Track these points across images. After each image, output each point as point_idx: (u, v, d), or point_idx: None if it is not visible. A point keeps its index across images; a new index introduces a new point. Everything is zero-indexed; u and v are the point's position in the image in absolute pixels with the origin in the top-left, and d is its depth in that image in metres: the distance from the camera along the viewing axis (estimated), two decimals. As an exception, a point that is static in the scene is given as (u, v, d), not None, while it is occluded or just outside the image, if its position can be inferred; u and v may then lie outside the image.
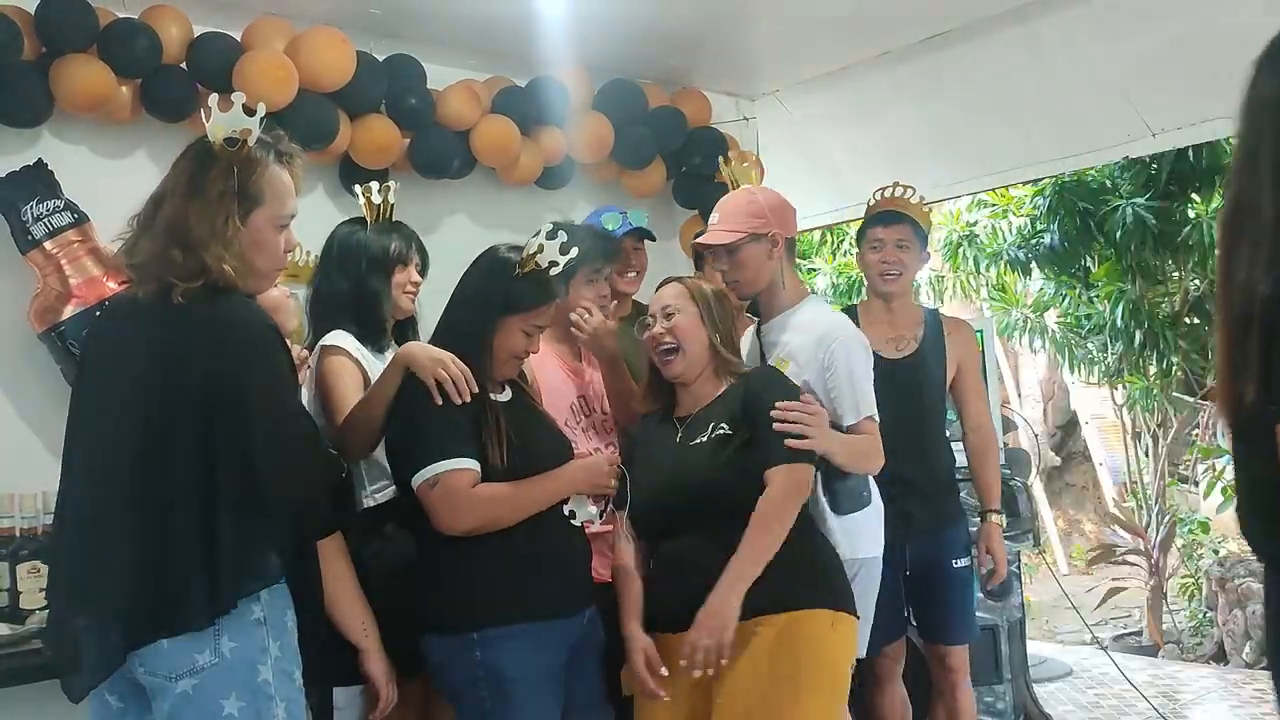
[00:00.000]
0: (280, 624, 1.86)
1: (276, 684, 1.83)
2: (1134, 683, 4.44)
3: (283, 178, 2.00)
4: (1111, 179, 5.86)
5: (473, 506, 2.17)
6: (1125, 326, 6.02)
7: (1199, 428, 8.63)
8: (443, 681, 2.25)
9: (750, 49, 4.23)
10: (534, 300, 2.33)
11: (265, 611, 1.83)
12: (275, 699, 1.82)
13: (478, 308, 2.33)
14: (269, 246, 1.98)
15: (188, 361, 1.83)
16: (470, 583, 2.19)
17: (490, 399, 2.29)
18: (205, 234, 1.86)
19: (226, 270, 1.86)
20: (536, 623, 2.18)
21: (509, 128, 3.64)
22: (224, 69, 3.10)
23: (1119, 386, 6.56)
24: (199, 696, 1.77)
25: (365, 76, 3.35)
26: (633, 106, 4.02)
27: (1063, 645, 6.11)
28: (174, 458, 1.80)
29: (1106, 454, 9.61)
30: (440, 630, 2.20)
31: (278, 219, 1.99)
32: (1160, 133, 4.10)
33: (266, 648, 1.83)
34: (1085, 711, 4.65)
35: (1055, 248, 6.07)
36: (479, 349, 2.28)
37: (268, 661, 1.82)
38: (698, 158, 4.19)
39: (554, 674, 2.21)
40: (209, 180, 1.90)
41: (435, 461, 2.16)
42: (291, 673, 1.87)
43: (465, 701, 2.20)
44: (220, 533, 1.78)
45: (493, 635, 2.14)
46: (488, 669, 2.14)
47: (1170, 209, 5.70)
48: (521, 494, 2.23)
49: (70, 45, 2.92)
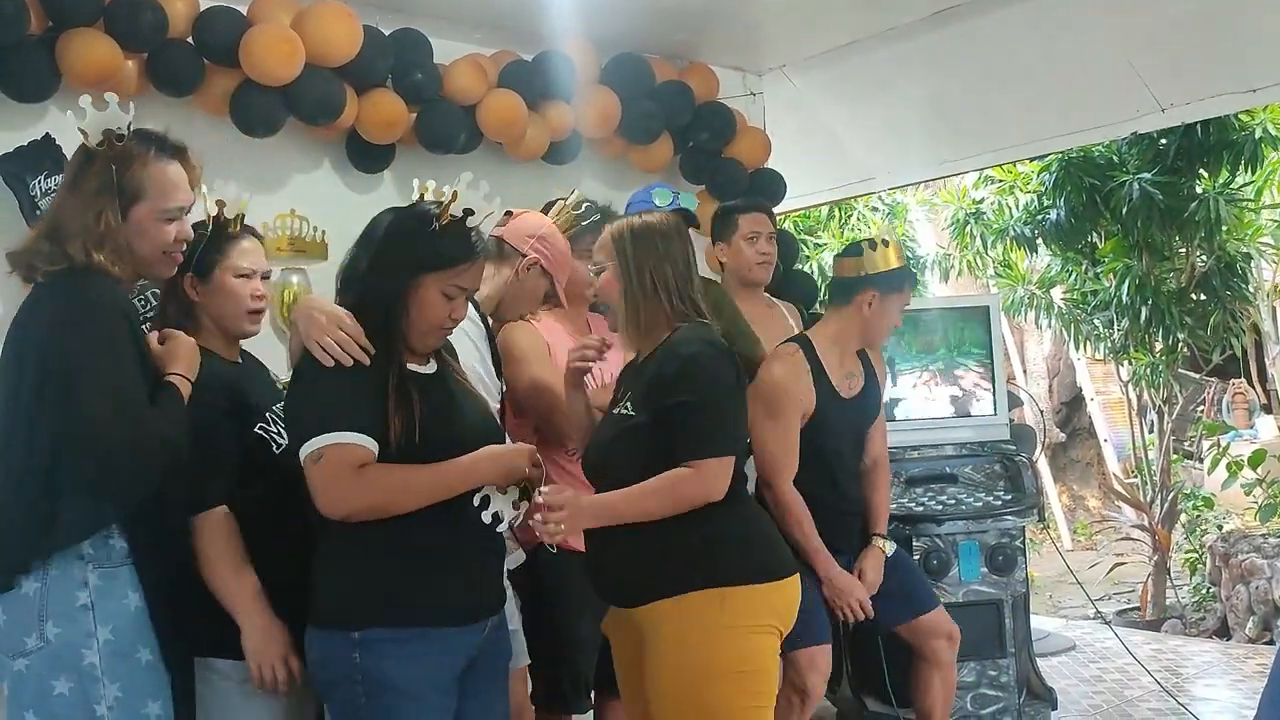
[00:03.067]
0: (115, 608, 1.92)
1: (106, 667, 1.89)
2: (1137, 657, 4.45)
3: (167, 171, 2.04)
4: (1119, 154, 5.84)
5: (357, 489, 1.92)
6: (1131, 302, 6.01)
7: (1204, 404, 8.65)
8: (318, 679, 2.02)
9: (757, 24, 4.21)
10: (455, 256, 2.06)
11: (93, 596, 1.90)
12: (103, 680, 1.89)
13: (390, 268, 2.05)
14: (152, 236, 2.03)
15: (32, 339, 1.93)
16: (357, 576, 1.98)
17: (408, 369, 2.05)
18: (75, 228, 1.95)
19: (94, 259, 1.93)
20: (428, 628, 1.97)
21: (516, 102, 3.63)
22: (230, 43, 3.09)
23: (1124, 363, 6.55)
24: (30, 676, 1.89)
25: (371, 51, 3.33)
26: (640, 81, 4.00)
27: (1066, 620, 6.14)
28: (14, 433, 1.92)
29: (1111, 430, 9.63)
30: (319, 624, 1.99)
31: (162, 212, 2.03)
32: (1169, 108, 4.09)
33: (93, 632, 1.90)
34: (1088, 685, 4.68)
35: (1061, 224, 6.05)
36: (393, 313, 2.03)
37: (94, 645, 1.89)
38: (705, 133, 4.18)
39: (443, 685, 2.00)
40: (86, 177, 1.99)
41: (322, 433, 1.93)
42: (132, 654, 1.93)
43: (339, 704, 1.98)
44: (21, 509, 1.89)
45: (375, 637, 1.94)
46: (366, 673, 1.93)
47: (1178, 184, 5.67)
48: (417, 480, 1.96)
49: (76, 19, 2.91)
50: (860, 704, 3.96)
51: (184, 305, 2.24)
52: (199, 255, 2.21)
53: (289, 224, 3.43)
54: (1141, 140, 5.50)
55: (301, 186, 3.49)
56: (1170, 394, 6.52)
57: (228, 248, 2.24)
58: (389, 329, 2.04)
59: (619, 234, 2.38)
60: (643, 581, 2.24)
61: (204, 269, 2.23)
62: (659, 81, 4.07)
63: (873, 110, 4.75)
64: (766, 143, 4.38)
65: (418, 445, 1.97)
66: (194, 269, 2.21)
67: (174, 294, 2.25)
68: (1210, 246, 5.91)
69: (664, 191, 3.08)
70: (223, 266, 2.23)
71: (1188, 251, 6.05)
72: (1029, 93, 4.32)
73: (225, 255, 2.24)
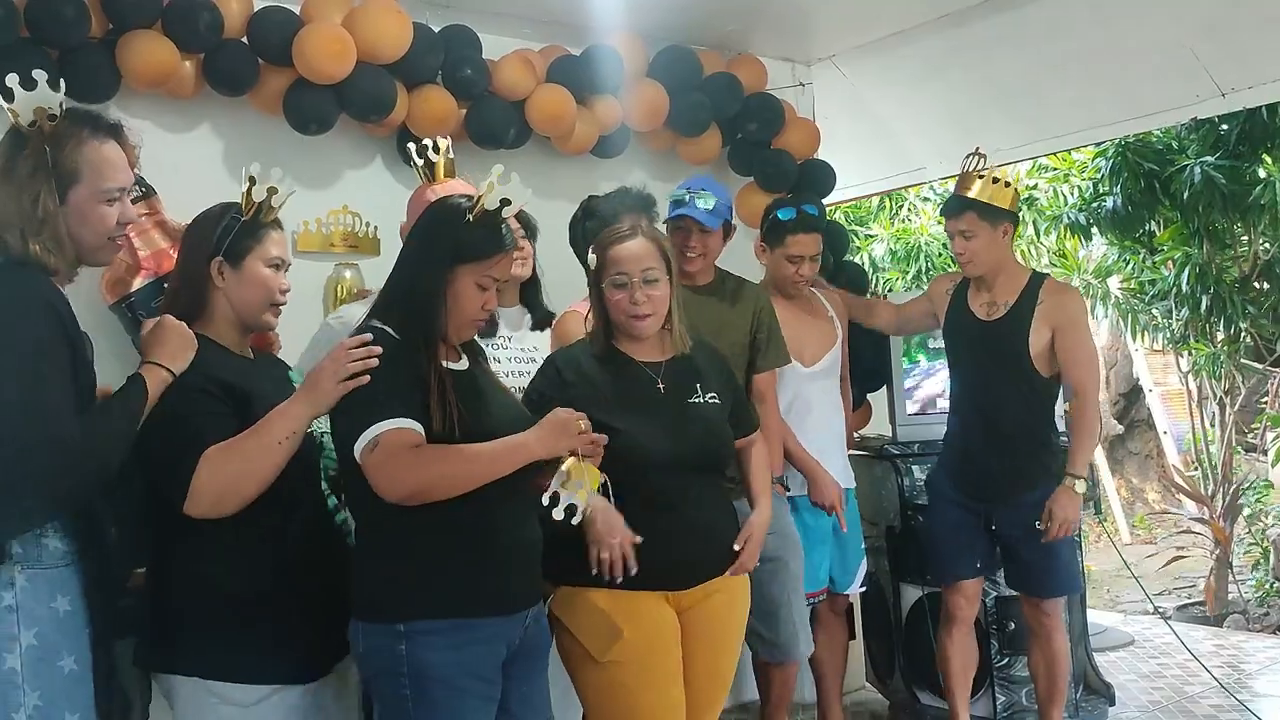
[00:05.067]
0: (40, 611, 1.83)
1: (28, 672, 1.81)
2: (1194, 652, 4.38)
3: (102, 151, 1.93)
4: (1178, 139, 5.72)
5: (415, 466, 1.94)
6: (1191, 291, 5.89)
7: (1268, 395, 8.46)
8: (363, 670, 2.07)
9: (806, 13, 4.18)
10: (486, 247, 2.09)
11: (19, 598, 1.81)
12: (24, 688, 1.80)
13: (426, 261, 2.09)
14: (93, 220, 1.93)
15: None
16: (402, 570, 2.00)
17: (442, 365, 2.06)
18: (10, 215, 1.85)
19: (30, 249, 1.84)
20: (471, 619, 2.01)
21: (564, 97, 3.64)
22: (283, 43, 3.14)
23: (1185, 353, 6.43)
24: None
25: (422, 47, 3.36)
26: (688, 73, 4.00)
27: (1125, 615, 6.04)
28: None
29: (1171, 422, 9.45)
30: (365, 617, 2.02)
31: (101, 193, 1.93)
32: (1230, 92, 3.99)
33: (15, 635, 1.81)
34: (1147, 681, 4.61)
35: (1118, 211, 5.94)
36: (432, 306, 2.06)
37: (16, 650, 1.80)
38: (753, 124, 4.16)
39: (487, 675, 2.04)
40: (18, 162, 1.88)
41: (375, 421, 1.95)
42: (55, 661, 1.84)
43: (386, 695, 2.02)
44: None
45: (420, 629, 1.97)
46: (412, 664, 1.96)
47: (1240, 169, 5.55)
48: (472, 455, 1.99)
49: (136, 22, 2.97)
50: (913, 696, 3.94)
51: (199, 291, 2.14)
52: (231, 240, 2.12)
53: (342, 220, 3.48)
54: (1202, 125, 5.39)
55: (353, 183, 3.54)
56: (1232, 385, 6.40)
57: (263, 235, 2.16)
58: (430, 321, 2.06)
59: (670, 256, 2.50)
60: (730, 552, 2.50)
61: (235, 254, 2.13)
62: (707, 73, 4.06)
63: (924, 99, 4.69)
64: (816, 133, 4.35)
65: (456, 440, 1.99)
66: (224, 254, 2.12)
67: (192, 279, 2.15)
68: (1274, 233, 5.78)
69: (706, 194, 3.10)
70: (255, 254, 2.14)
71: (1250, 238, 5.92)
72: (1084, 79, 4.25)
73: (259, 243, 2.15)
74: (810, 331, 3.50)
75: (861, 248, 7.77)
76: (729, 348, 3.16)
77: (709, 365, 2.59)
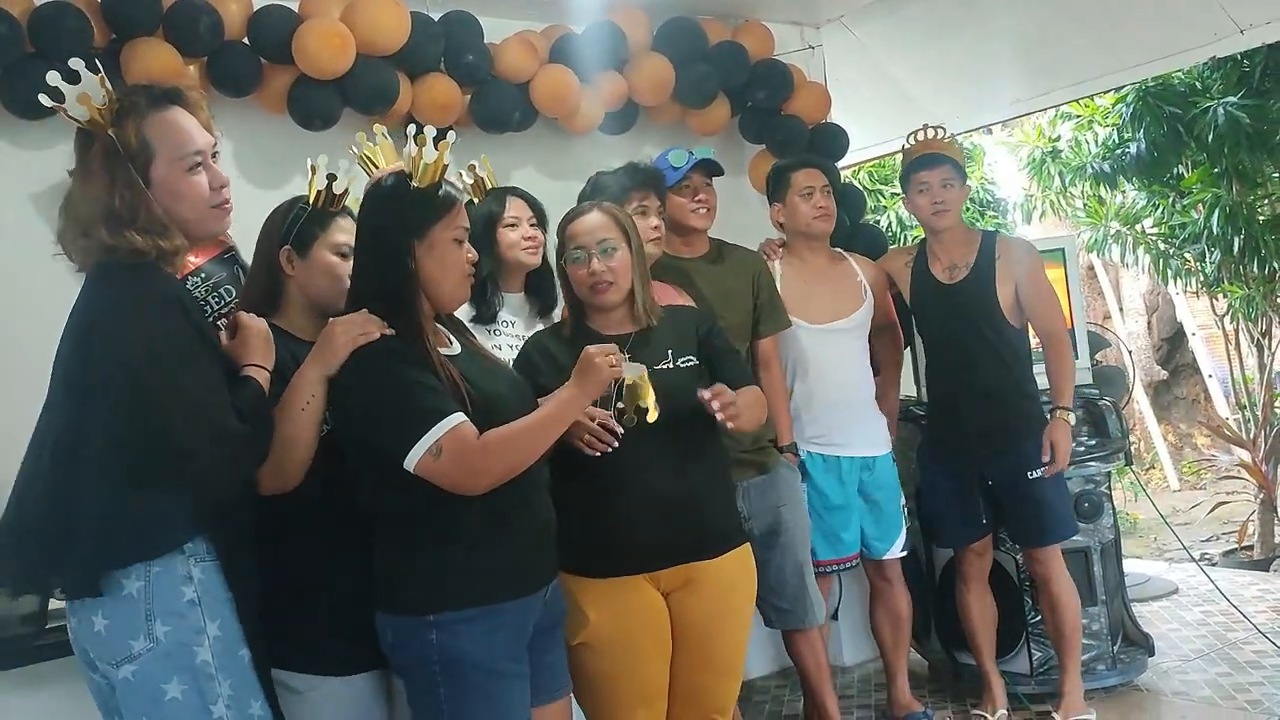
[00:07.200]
0: (218, 602, 1.85)
1: (219, 663, 1.83)
2: (1234, 601, 4.34)
3: (167, 119, 1.88)
4: (1201, 79, 5.61)
5: (490, 457, 1.96)
6: (1223, 233, 5.79)
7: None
8: (393, 660, 2.08)
9: (811, -25, 4.14)
10: (448, 199, 2.08)
11: (199, 592, 1.82)
12: (217, 678, 1.82)
13: (392, 244, 2.04)
14: (184, 191, 1.88)
15: (78, 336, 1.83)
16: (425, 563, 2.02)
17: (439, 354, 2.05)
18: (94, 213, 1.81)
19: (131, 239, 1.80)
20: (498, 604, 2.03)
21: (567, 76, 3.64)
22: (284, 41, 3.16)
23: (1219, 296, 6.32)
24: (139, 681, 1.79)
25: (422, 36, 3.37)
26: (693, 44, 3.97)
27: (1170, 564, 5.98)
28: (63, 433, 1.82)
29: (1215, 365, 9.30)
30: (393, 610, 2.03)
31: (182, 160, 1.88)
32: (1249, 29, 3.92)
33: (203, 628, 1.82)
34: (1190, 630, 4.56)
35: (1143, 156, 5.85)
36: (410, 285, 2.04)
37: (205, 642, 1.82)
38: (762, 91, 4.13)
39: (518, 655, 2.07)
40: (90, 158, 1.85)
41: (429, 429, 1.93)
42: (236, 651, 1.87)
43: (418, 684, 2.04)
44: (88, 508, 1.77)
45: (450, 619, 1.99)
46: (443, 653, 1.99)
47: (1265, 107, 5.43)
48: (536, 426, 2.03)
49: (137, 29, 3.01)
50: (950, 657, 3.94)
51: (275, 281, 2.16)
52: (299, 229, 2.14)
53: (352, 213, 3.50)
54: (1224, 64, 5.28)
55: (360, 175, 3.54)
56: (1269, 326, 6.28)
57: (329, 223, 2.17)
58: (411, 303, 2.04)
59: (630, 225, 2.48)
60: (735, 529, 2.51)
61: (303, 242, 2.14)
62: (712, 43, 4.03)
63: (938, 54, 4.63)
64: (826, 97, 4.31)
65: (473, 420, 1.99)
66: (292, 242, 2.14)
67: (265, 269, 2.17)
68: (1306, 170, 5.67)
69: (679, 153, 3.14)
70: (322, 242, 2.15)
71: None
72: (1100, 23, 4.17)
73: (326, 231, 2.16)
74: (823, 290, 3.48)
75: (888, 206, 7.71)
76: (738, 314, 3.18)
77: (683, 330, 2.51)
